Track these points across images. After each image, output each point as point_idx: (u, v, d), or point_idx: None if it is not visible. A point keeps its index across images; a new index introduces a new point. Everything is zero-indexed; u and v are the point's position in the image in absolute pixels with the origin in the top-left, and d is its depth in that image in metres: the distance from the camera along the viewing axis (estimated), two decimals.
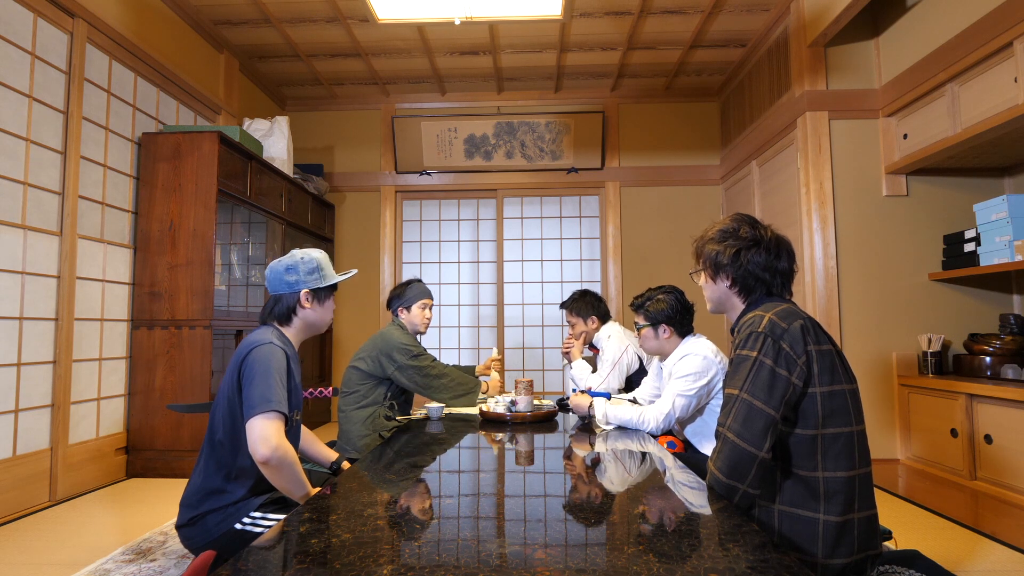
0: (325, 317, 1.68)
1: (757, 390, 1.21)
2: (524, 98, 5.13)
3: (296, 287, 1.61)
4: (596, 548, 0.97)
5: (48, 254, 2.72)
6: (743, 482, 1.20)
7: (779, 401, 1.21)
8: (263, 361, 1.45)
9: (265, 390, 1.40)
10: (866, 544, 1.24)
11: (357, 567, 0.86)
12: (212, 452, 1.49)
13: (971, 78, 2.81)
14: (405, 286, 2.67)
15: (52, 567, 1.98)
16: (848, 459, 1.23)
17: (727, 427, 1.23)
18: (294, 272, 1.61)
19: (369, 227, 5.18)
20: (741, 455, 1.19)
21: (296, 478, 1.44)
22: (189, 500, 1.49)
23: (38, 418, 2.66)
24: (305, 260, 1.63)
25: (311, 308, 1.63)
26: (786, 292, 1.44)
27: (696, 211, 5.05)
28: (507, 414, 2.18)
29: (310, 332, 1.69)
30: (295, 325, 1.64)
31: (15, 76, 2.56)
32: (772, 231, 1.44)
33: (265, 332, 1.55)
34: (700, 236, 1.52)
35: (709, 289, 1.49)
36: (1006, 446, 2.61)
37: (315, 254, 1.66)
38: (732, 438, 1.21)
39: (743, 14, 3.88)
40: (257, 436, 1.37)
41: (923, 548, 2.04)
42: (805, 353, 1.24)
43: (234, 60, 4.28)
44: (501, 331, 5.13)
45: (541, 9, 2.84)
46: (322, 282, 1.63)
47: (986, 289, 3.36)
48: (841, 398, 1.25)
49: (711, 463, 1.27)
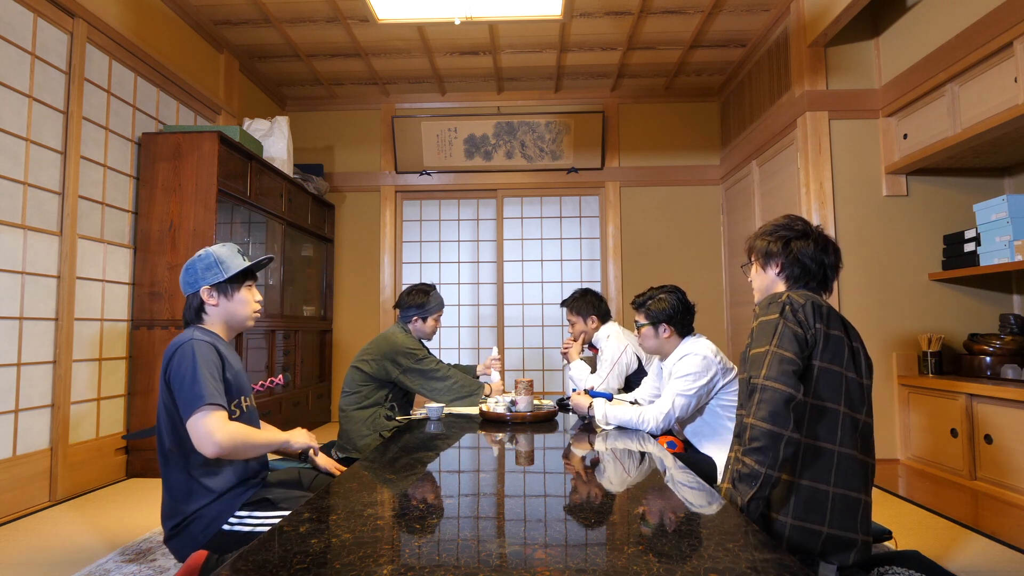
0: (238, 310, 1.62)
1: (785, 343, 1.28)
2: (524, 98, 5.13)
3: (196, 286, 1.59)
4: (596, 548, 0.97)
5: (48, 254, 2.72)
6: (786, 427, 1.21)
7: (800, 354, 1.28)
8: (186, 359, 1.44)
9: (194, 387, 1.39)
10: (842, 523, 1.27)
11: (357, 567, 0.86)
12: (167, 464, 1.48)
13: (971, 78, 2.81)
14: (425, 295, 2.62)
15: (52, 567, 1.98)
16: (831, 433, 1.29)
17: (763, 377, 1.26)
18: (192, 272, 1.60)
19: (369, 227, 5.18)
20: (779, 398, 1.23)
21: (258, 447, 1.48)
22: (165, 514, 1.48)
23: (38, 418, 2.66)
24: (201, 258, 1.60)
25: (216, 303, 1.60)
26: (828, 287, 1.50)
27: (696, 211, 5.05)
28: (507, 414, 2.18)
29: (235, 326, 1.65)
30: (212, 322, 1.61)
31: (15, 76, 2.56)
32: (821, 229, 1.52)
33: (187, 332, 1.54)
34: (752, 235, 1.60)
35: (759, 279, 1.56)
36: (1006, 446, 2.61)
37: (213, 249, 1.62)
38: (771, 384, 1.24)
39: (743, 14, 3.88)
40: (200, 435, 1.37)
41: (923, 548, 2.04)
42: (814, 326, 1.32)
43: (234, 60, 4.28)
44: (501, 331, 5.13)
45: (541, 9, 2.84)
46: (221, 276, 1.58)
47: (986, 289, 3.36)
48: (838, 379, 1.31)
49: (749, 418, 1.26)
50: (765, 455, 1.20)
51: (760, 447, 1.21)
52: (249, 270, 1.65)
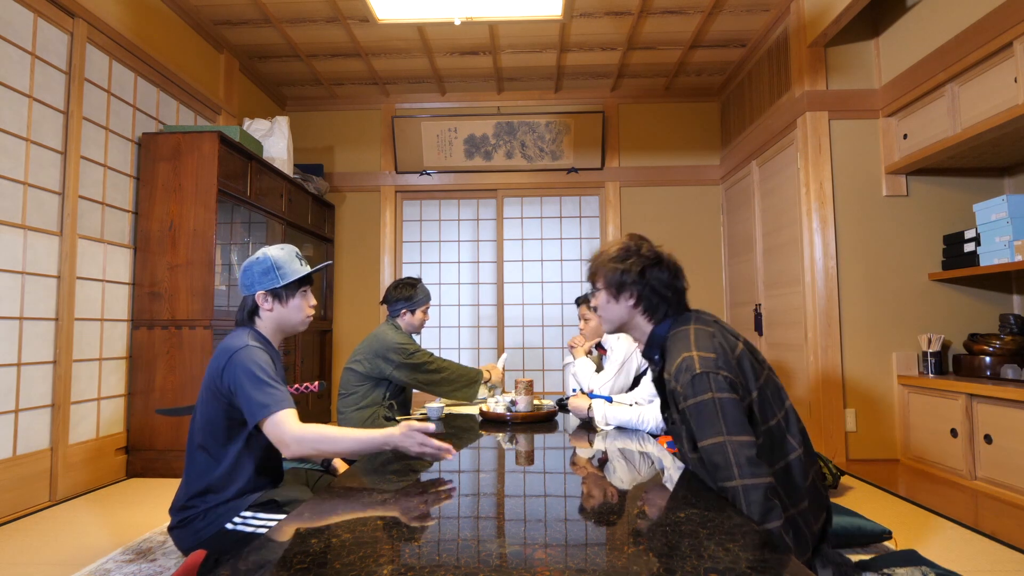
0: (292, 316, 1.61)
1: (733, 427, 1.21)
2: (524, 98, 5.13)
3: (252, 290, 1.57)
4: (596, 548, 0.97)
5: (48, 254, 2.72)
6: (776, 511, 1.17)
7: (749, 425, 1.24)
8: (246, 364, 1.44)
9: (259, 396, 1.40)
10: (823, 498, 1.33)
11: (357, 567, 0.86)
12: (192, 459, 1.49)
13: (971, 78, 2.81)
14: (413, 288, 2.62)
15: (52, 567, 1.98)
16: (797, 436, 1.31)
17: (739, 476, 1.19)
18: (249, 274, 1.58)
19: (369, 227, 5.18)
20: (763, 492, 1.17)
21: (336, 448, 1.43)
22: (176, 505, 1.49)
23: (38, 418, 2.66)
24: (259, 260, 1.58)
25: (271, 309, 1.59)
26: (683, 310, 1.46)
27: (696, 211, 5.05)
28: (507, 414, 2.18)
29: (284, 331, 1.64)
30: (263, 325, 1.61)
31: (15, 76, 2.56)
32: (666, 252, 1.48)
33: (240, 334, 1.54)
34: (594, 257, 1.52)
35: (610, 309, 1.47)
36: (1006, 446, 2.62)
37: (271, 251, 1.60)
38: (750, 482, 1.18)
39: (743, 14, 3.88)
40: (277, 442, 1.40)
41: (923, 548, 2.04)
42: (736, 367, 1.29)
43: (234, 60, 4.28)
44: (501, 331, 5.13)
45: (541, 9, 2.85)
46: (278, 282, 1.56)
47: (986, 289, 3.36)
48: (767, 390, 1.31)
49: (751, 517, 1.19)
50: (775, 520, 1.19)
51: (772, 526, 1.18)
52: (306, 277, 1.63)
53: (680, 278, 1.45)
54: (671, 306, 1.43)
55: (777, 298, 3.98)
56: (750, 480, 1.19)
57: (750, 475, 1.19)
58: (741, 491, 1.19)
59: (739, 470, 1.20)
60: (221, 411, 1.46)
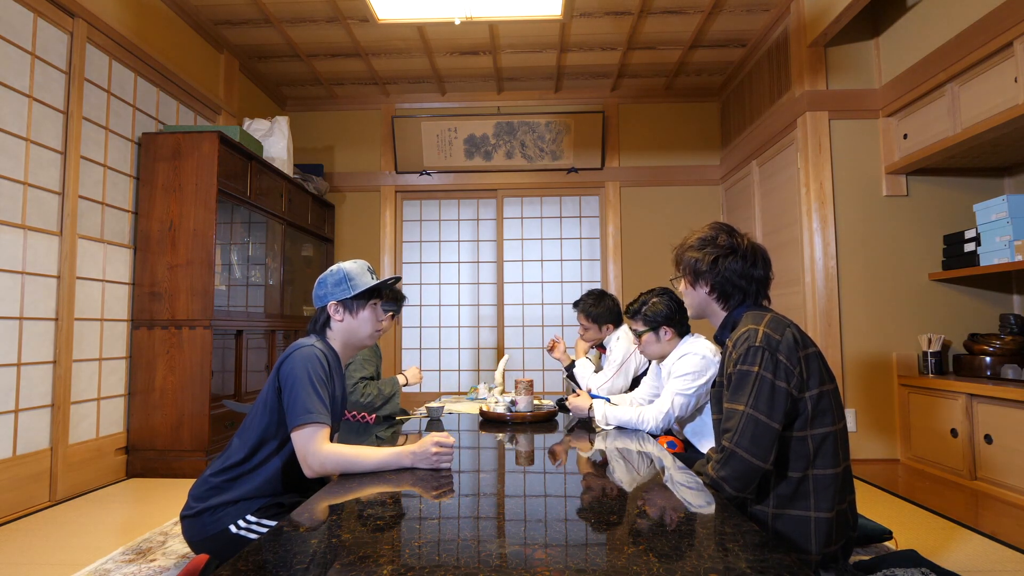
0: (361, 328, 1.64)
1: (761, 405, 1.25)
2: (524, 98, 5.13)
3: (324, 300, 1.63)
4: (596, 548, 0.97)
5: (48, 254, 2.72)
6: (747, 491, 1.27)
7: (782, 414, 1.25)
8: (300, 365, 1.46)
9: (305, 400, 1.42)
10: (850, 529, 1.31)
11: (357, 567, 0.86)
12: (230, 449, 1.51)
13: (971, 78, 2.81)
14: None
15: (52, 567, 1.98)
16: (834, 457, 1.28)
17: (735, 443, 1.26)
18: (323, 286, 1.63)
19: (369, 227, 5.18)
20: (749, 469, 1.24)
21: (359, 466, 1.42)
22: (195, 494, 1.50)
23: (38, 418, 2.66)
24: (332, 272, 1.64)
25: (341, 319, 1.63)
26: (763, 299, 1.48)
27: (696, 211, 5.05)
28: (507, 414, 2.18)
29: (353, 344, 1.67)
30: (333, 337, 1.64)
31: (15, 76, 2.56)
32: (749, 239, 1.49)
33: (310, 338, 1.58)
34: (680, 244, 1.57)
35: (689, 296, 1.55)
36: (1006, 446, 2.62)
37: (345, 264, 1.66)
38: (742, 454, 1.25)
39: (743, 14, 3.88)
40: (302, 452, 1.40)
41: (923, 548, 2.04)
42: (799, 362, 1.28)
43: (234, 60, 4.28)
44: (501, 331, 5.13)
45: (541, 9, 2.85)
46: (349, 292, 1.61)
47: (986, 289, 3.36)
48: (827, 399, 1.30)
49: (714, 470, 1.30)
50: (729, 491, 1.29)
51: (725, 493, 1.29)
52: (376, 290, 1.66)
53: (758, 267, 1.45)
54: (747, 295, 1.45)
55: (777, 298, 3.98)
56: (742, 451, 1.24)
57: (746, 449, 1.24)
58: (729, 451, 1.26)
59: (739, 438, 1.25)
60: (273, 398, 1.48)
